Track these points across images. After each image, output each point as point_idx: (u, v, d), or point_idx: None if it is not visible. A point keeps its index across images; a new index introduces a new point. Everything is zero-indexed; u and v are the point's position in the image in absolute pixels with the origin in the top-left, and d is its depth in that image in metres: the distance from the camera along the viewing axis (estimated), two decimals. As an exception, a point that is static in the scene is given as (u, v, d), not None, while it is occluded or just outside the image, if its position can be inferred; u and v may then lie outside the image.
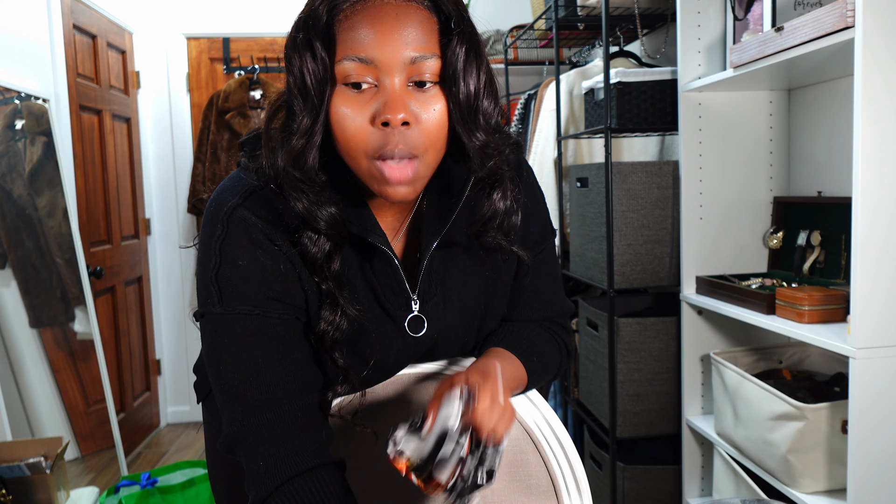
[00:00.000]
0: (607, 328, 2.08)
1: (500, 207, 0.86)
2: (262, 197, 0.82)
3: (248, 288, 0.80)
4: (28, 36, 2.68)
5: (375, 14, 0.74)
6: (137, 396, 3.45)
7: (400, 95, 0.75)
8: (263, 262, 0.80)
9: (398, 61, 0.74)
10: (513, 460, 0.93)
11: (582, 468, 0.94)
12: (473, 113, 0.79)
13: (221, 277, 0.80)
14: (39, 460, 2.13)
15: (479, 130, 0.80)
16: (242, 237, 0.80)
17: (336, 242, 0.81)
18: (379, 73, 0.74)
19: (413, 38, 0.74)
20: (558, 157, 2.48)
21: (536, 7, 2.93)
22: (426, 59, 0.75)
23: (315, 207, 0.79)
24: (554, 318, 1.00)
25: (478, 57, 0.78)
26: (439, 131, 0.78)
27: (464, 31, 0.77)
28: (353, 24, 0.75)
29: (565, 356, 1.01)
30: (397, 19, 0.74)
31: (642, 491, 2.13)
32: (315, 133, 0.77)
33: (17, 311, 2.52)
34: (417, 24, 0.75)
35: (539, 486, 0.93)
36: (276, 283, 0.81)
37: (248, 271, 0.80)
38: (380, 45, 0.74)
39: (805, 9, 1.57)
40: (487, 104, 0.80)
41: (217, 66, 3.68)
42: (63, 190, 2.66)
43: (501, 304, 0.96)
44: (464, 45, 0.76)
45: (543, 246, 0.97)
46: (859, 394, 1.33)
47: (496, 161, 0.82)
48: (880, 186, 1.29)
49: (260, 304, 0.80)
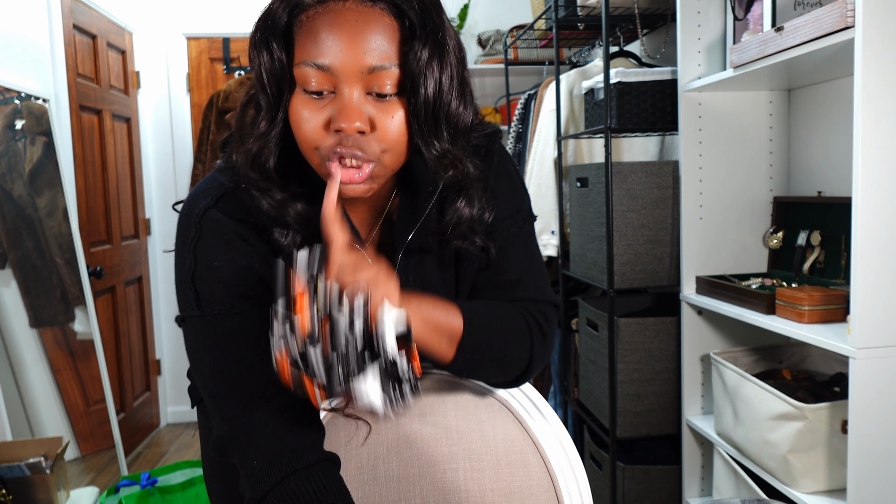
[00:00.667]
0: (607, 328, 2.08)
1: (464, 214, 0.84)
2: (233, 197, 0.82)
3: (225, 289, 0.80)
4: (28, 36, 2.68)
5: (335, 19, 0.72)
6: (137, 396, 3.45)
7: (356, 105, 0.73)
8: (238, 261, 0.80)
9: (356, 70, 0.72)
10: (512, 461, 0.93)
11: (582, 468, 0.94)
12: (434, 121, 0.76)
13: (197, 280, 0.80)
14: (39, 460, 2.13)
15: (438, 140, 0.77)
16: (215, 239, 0.80)
17: (305, 236, 0.81)
18: (336, 80, 0.73)
19: (373, 46, 0.72)
20: (558, 157, 2.48)
21: (536, 7, 2.93)
22: (385, 69, 0.73)
23: (280, 206, 0.79)
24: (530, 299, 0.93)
25: (441, 61, 0.75)
26: (397, 138, 0.76)
27: (428, 38, 0.74)
28: (312, 28, 0.73)
29: (538, 336, 0.90)
30: (357, 26, 0.72)
31: (642, 491, 2.13)
32: (270, 136, 0.77)
33: (17, 311, 2.52)
34: (379, 31, 0.73)
35: (539, 486, 0.93)
36: (251, 282, 0.81)
37: (224, 272, 0.80)
38: (338, 52, 0.72)
39: (805, 9, 1.57)
40: (455, 106, 0.78)
41: (217, 66, 3.68)
42: (63, 190, 2.66)
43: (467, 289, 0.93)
44: (426, 50, 0.74)
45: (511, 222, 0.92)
46: (859, 394, 1.33)
47: (457, 170, 0.80)
48: (880, 186, 1.29)
49: (237, 303, 0.80)
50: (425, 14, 0.74)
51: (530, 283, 0.93)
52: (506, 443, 0.93)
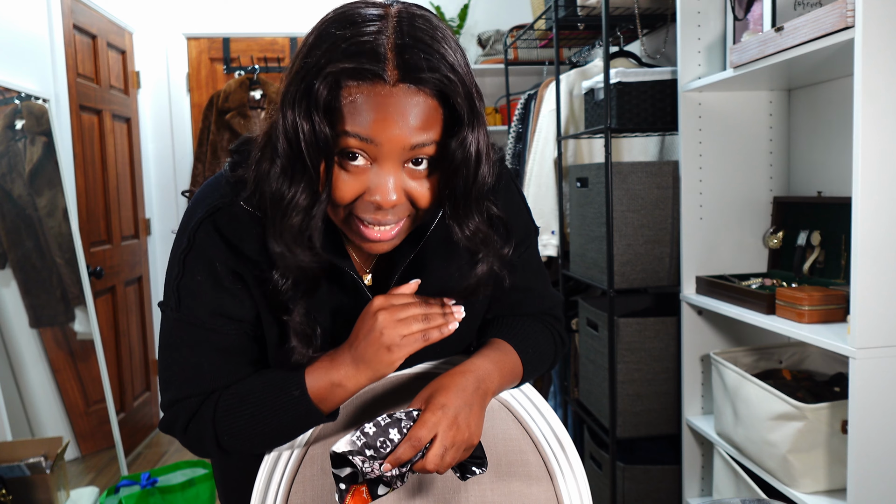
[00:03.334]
0: (607, 328, 2.08)
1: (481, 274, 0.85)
2: (230, 213, 0.83)
3: (202, 303, 0.85)
4: (28, 36, 2.68)
5: (383, 100, 0.71)
6: (137, 396, 3.45)
7: (397, 181, 0.75)
8: (218, 280, 0.84)
9: (400, 147, 0.73)
10: (512, 461, 0.93)
11: (581, 468, 0.94)
12: (467, 195, 0.78)
13: (181, 287, 0.85)
14: (39, 460, 2.13)
15: (470, 217, 0.80)
16: (202, 255, 0.84)
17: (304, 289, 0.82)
18: (379, 153, 0.73)
19: (417, 125, 0.73)
20: (558, 157, 2.48)
21: (536, 7, 2.93)
22: (426, 146, 0.74)
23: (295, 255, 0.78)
24: (546, 310, 1.02)
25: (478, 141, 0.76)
26: (429, 202, 0.79)
27: (473, 123, 0.75)
28: (357, 105, 0.72)
29: (559, 346, 1.02)
30: (404, 109, 0.72)
31: (642, 491, 2.13)
32: (317, 212, 0.76)
33: (17, 311, 2.52)
34: (423, 114, 0.73)
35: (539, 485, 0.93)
36: (227, 302, 0.85)
37: (204, 287, 0.84)
38: (383, 129, 0.72)
39: (805, 9, 1.57)
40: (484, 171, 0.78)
41: (217, 66, 3.68)
42: (63, 190, 2.66)
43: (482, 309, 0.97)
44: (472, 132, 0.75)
45: (527, 244, 0.99)
46: (859, 394, 1.33)
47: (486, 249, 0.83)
48: (880, 186, 1.29)
49: (208, 319, 0.85)
50: (470, 103, 0.74)
51: (542, 290, 1.02)
52: (506, 442, 0.93)
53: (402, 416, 0.79)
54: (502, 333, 0.95)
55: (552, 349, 1.00)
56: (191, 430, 0.86)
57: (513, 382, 0.93)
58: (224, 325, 0.85)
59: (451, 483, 0.91)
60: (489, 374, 0.87)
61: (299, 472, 0.89)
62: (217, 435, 0.84)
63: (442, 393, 0.81)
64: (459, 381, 0.83)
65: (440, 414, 0.79)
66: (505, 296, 0.98)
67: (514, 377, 0.92)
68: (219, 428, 0.84)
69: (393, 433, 0.77)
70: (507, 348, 0.92)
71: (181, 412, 0.86)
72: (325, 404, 0.83)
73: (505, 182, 0.96)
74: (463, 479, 0.83)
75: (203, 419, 0.84)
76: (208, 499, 2.37)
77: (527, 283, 0.99)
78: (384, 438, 0.77)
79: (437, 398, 0.80)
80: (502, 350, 0.92)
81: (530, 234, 1.00)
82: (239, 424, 0.84)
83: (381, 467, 0.77)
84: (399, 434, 0.77)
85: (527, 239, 0.99)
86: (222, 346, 0.85)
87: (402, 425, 0.78)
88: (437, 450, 0.77)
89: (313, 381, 0.82)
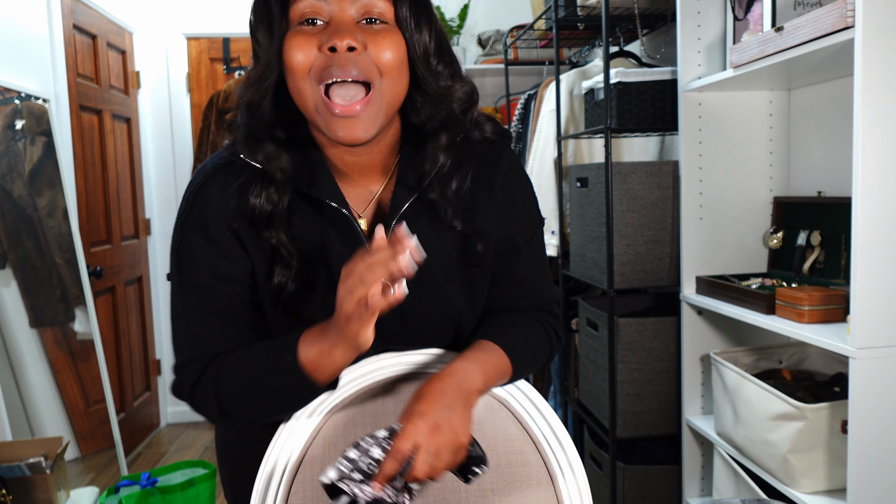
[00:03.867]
0: (607, 328, 2.08)
1: (439, 158, 0.88)
2: (227, 170, 0.88)
3: (199, 266, 0.88)
4: (28, 36, 2.68)
5: None
6: (137, 396, 3.46)
7: (348, 22, 0.80)
8: (212, 241, 0.87)
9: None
10: (512, 461, 0.93)
11: (581, 467, 0.94)
12: (428, 61, 0.84)
13: (181, 251, 0.89)
14: (39, 460, 2.13)
15: (440, 78, 0.85)
16: (198, 219, 0.88)
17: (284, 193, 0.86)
18: (329, 7, 0.79)
19: None
20: (558, 157, 2.48)
21: (536, 7, 2.93)
22: (376, 1, 0.80)
23: (271, 160, 0.85)
24: (542, 306, 1.01)
25: (430, 19, 0.84)
26: (391, 62, 0.81)
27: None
28: None
29: (555, 342, 1.00)
30: None
31: (642, 491, 2.13)
32: (266, 76, 0.83)
33: (17, 311, 2.52)
34: None
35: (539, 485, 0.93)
36: (222, 263, 0.88)
37: (201, 250, 0.88)
38: None
39: (805, 9, 1.57)
40: (436, 64, 0.85)
41: (217, 66, 3.68)
42: (63, 190, 2.66)
43: (480, 296, 0.96)
44: (414, 3, 0.82)
45: (533, 233, 0.99)
46: (859, 394, 1.33)
47: (455, 106, 0.87)
48: (880, 186, 1.29)
49: (205, 281, 0.88)
50: None
51: (539, 282, 1.00)
52: (505, 442, 0.93)
53: (384, 434, 0.78)
54: (489, 334, 0.94)
55: (546, 346, 0.99)
56: (196, 394, 0.87)
57: (501, 380, 0.92)
58: (220, 285, 0.87)
59: (451, 484, 0.91)
60: (470, 374, 0.86)
61: (299, 473, 0.89)
62: (219, 400, 0.86)
63: (419, 402, 0.80)
64: (437, 387, 0.82)
65: (419, 422, 0.78)
66: (504, 283, 0.98)
67: (501, 375, 0.91)
68: (220, 393, 0.85)
69: (376, 452, 0.76)
70: (492, 347, 0.92)
71: (187, 375, 0.88)
72: (318, 373, 0.81)
73: (511, 161, 0.97)
74: (466, 481, 0.82)
75: (206, 383, 0.86)
76: (208, 499, 2.36)
77: (527, 273, 0.98)
78: (369, 459, 0.76)
79: (414, 408, 0.80)
80: (486, 350, 0.91)
81: (535, 222, 0.99)
82: (238, 390, 0.85)
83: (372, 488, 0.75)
84: (382, 452, 0.76)
85: (531, 227, 0.98)
86: (220, 309, 0.88)
87: (384, 443, 0.77)
88: (422, 456, 0.76)
89: (305, 348, 0.81)
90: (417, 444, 0.76)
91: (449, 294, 0.93)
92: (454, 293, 0.93)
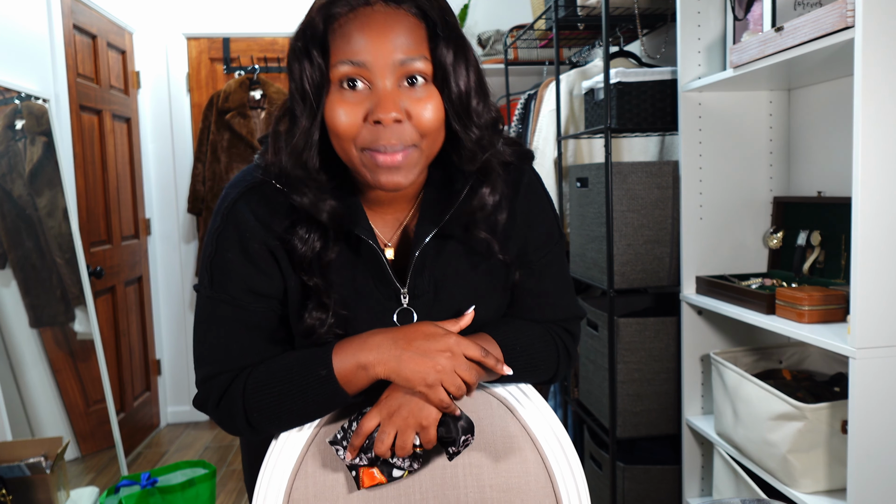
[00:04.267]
0: (607, 328, 2.08)
1: (488, 202, 0.90)
2: (261, 192, 0.89)
3: (232, 280, 0.89)
4: (28, 36, 2.68)
5: (366, 21, 0.80)
6: (137, 396, 3.46)
7: (391, 94, 0.80)
8: (249, 257, 0.89)
9: (388, 63, 0.79)
10: (511, 459, 0.93)
11: (579, 465, 0.94)
12: (467, 110, 0.83)
13: (214, 265, 0.90)
14: (39, 460, 2.13)
15: (473, 126, 0.84)
16: (234, 232, 0.89)
17: (328, 238, 0.88)
18: (371, 75, 0.80)
19: (402, 42, 0.80)
20: (558, 157, 2.48)
21: (536, 7, 2.93)
22: (415, 61, 0.80)
23: (318, 201, 0.86)
24: (558, 321, 1.01)
25: (466, 59, 0.84)
26: (432, 124, 0.82)
27: (450, 36, 0.82)
28: (346, 32, 0.80)
29: (564, 359, 1.00)
30: (386, 25, 0.80)
31: (642, 491, 2.13)
32: (312, 133, 0.84)
33: (17, 311, 2.52)
34: (406, 29, 0.80)
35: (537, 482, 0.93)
36: (257, 279, 0.89)
37: (235, 264, 0.89)
38: (371, 49, 0.79)
39: (805, 9, 1.57)
40: (477, 103, 0.85)
41: (217, 66, 3.68)
42: (63, 190, 2.66)
43: (495, 311, 0.97)
44: (451, 48, 0.82)
45: (547, 250, 0.99)
46: (859, 394, 1.33)
47: (490, 155, 0.87)
48: (880, 186, 1.29)
49: (239, 296, 0.89)
50: (446, 15, 0.82)
51: (558, 299, 1.01)
52: (504, 439, 0.93)
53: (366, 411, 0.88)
54: (493, 329, 0.95)
55: (552, 357, 0.98)
56: (222, 407, 0.89)
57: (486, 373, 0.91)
58: (253, 301, 0.89)
59: (450, 480, 0.91)
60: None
61: (301, 468, 0.90)
62: (247, 411, 0.87)
63: (390, 387, 0.87)
64: None
65: (382, 404, 0.86)
66: (519, 298, 0.99)
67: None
68: (248, 404, 0.87)
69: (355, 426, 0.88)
70: (486, 339, 0.93)
71: (213, 388, 0.89)
72: (350, 386, 0.85)
73: (529, 180, 0.98)
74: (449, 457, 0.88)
75: (234, 395, 0.87)
76: (208, 499, 2.37)
77: (542, 288, 0.99)
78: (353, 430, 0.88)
79: (386, 391, 0.87)
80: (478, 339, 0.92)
81: (552, 239, 1.00)
82: (268, 401, 0.86)
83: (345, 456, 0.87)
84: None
85: (548, 243, 0.99)
86: (252, 323, 0.90)
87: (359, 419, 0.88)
88: (381, 436, 0.85)
89: (340, 362, 0.85)
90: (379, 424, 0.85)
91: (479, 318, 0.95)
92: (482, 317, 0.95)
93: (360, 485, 0.87)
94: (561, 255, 1.02)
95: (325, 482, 0.90)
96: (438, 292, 0.93)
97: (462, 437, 0.87)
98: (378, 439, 0.85)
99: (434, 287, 0.92)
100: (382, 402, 0.86)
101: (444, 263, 0.93)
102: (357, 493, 0.89)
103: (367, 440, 0.86)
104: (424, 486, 0.90)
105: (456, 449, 0.87)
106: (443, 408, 0.84)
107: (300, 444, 0.90)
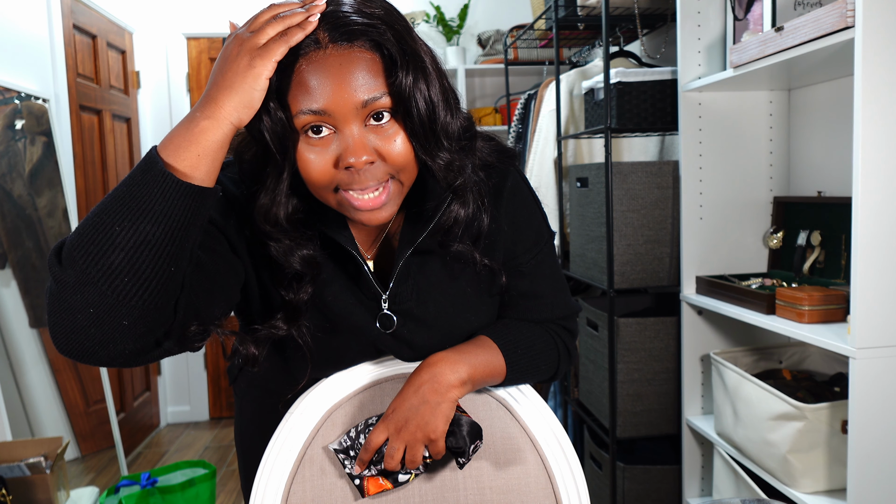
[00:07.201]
0: (607, 328, 2.08)
1: (460, 216, 0.87)
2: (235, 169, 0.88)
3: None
4: (28, 36, 2.68)
5: (321, 66, 0.74)
6: (137, 396, 3.45)
7: (359, 138, 0.76)
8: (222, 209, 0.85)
9: (351, 108, 0.75)
10: (510, 460, 0.93)
11: (579, 466, 0.94)
12: (433, 134, 0.80)
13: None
14: (39, 460, 2.13)
15: (441, 150, 0.81)
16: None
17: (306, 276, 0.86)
18: (335, 121, 0.76)
19: (361, 82, 0.75)
20: (558, 157, 2.48)
21: (536, 7, 2.93)
22: (377, 99, 0.76)
23: (289, 255, 0.84)
24: (556, 320, 1.00)
25: (426, 80, 0.78)
26: (404, 158, 0.79)
27: (408, 63, 0.77)
28: (301, 80, 0.75)
29: (564, 357, 1.00)
30: (342, 68, 0.75)
31: (642, 491, 2.13)
32: (279, 191, 0.80)
33: (17, 311, 2.52)
34: (363, 68, 0.75)
35: (537, 483, 0.93)
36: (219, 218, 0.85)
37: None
38: (331, 95, 0.74)
39: (805, 9, 1.57)
40: (444, 116, 0.81)
41: (217, 66, 3.68)
42: (63, 190, 2.66)
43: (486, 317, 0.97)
44: (409, 70, 0.77)
45: (538, 251, 0.97)
46: (859, 394, 1.33)
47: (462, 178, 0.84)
48: (880, 186, 1.29)
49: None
50: (401, 42, 0.77)
51: (553, 298, 1.00)
52: (504, 440, 0.93)
53: (373, 421, 0.89)
54: (492, 332, 0.95)
55: (552, 356, 0.98)
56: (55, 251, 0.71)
57: (493, 377, 0.92)
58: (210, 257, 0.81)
59: (449, 482, 0.91)
60: (451, 365, 0.88)
61: (298, 472, 0.89)
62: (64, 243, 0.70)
63: (396, 397, 0.87)
64: (414, 381, 0.87)
65: (389, 419, 0.86)
66: (514, 301, 0.97)
67: (493, 371, 0.91)
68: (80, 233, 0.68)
69: (363, 438, 0.88)
70: (486, 342, 0.92)
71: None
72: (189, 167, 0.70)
73: (513, 183, 0.95)
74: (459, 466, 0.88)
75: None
76: (208, 499, 2.37)
77: (536, 289, 0.98)
78: (360, 442, 0.88)
79: (392, 404, 0.87)
80: (478, 344, 0.92)
81: (542, 239, 0.98)
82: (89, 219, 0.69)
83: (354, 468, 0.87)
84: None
85: (536, 244, 0.97)
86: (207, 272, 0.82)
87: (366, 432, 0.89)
88: (390, 451, 0.85)
89: (166, 145, 0.71)
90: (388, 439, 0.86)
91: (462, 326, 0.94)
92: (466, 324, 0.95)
93: (364, 493, 0.87)
94: (552, 254, 1.00)
95: (324, 486, 0.89)
96: (422, 300, 0.92)
97: (471, 446, 0.86)
98: (388, 455, 0.85)
99: (417, 296, 0.91)
100: (389, 417, 0.86)
101: (427, 274, 0.91)
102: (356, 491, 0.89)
103: (377, 454, 0.86)
104: (424, 489, 0.90)
105: (466, 459, 0.87)
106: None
107: (297, 448, 0.90)
